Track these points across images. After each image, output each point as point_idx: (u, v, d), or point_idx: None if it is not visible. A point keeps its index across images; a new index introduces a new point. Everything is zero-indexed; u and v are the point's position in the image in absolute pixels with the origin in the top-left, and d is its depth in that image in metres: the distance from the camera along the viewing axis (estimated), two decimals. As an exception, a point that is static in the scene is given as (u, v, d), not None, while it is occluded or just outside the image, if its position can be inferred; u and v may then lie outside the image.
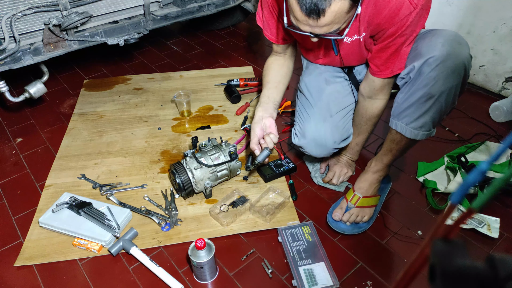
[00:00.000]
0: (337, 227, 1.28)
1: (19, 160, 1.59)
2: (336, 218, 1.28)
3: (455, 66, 1.04)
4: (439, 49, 1.05)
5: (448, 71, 1.04)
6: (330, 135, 1.29)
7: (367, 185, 1.31)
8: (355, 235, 1.27)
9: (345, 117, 1.34)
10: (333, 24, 0.97)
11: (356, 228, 1.28)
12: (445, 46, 1.04)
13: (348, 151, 1.46)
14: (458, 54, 1.04)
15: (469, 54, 1.07)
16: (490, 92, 1.94)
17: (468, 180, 0.33)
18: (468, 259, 0.33)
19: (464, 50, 1.06)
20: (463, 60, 1.05)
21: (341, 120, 1.32)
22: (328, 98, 1.33)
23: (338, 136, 1.30)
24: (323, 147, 1.31)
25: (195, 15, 2.00)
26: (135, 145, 1.63)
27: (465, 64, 1.05)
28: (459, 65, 1.04)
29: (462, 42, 1.07)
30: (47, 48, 1.59)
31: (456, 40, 1.07)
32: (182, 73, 2.14)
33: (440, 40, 1.07)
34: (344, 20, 0.97)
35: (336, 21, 0.96)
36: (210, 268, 1.10)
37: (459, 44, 1.06)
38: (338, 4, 0.91)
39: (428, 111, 1.10)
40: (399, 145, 1.22)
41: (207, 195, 1.36)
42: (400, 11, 1.02)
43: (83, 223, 1.25)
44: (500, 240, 1.24)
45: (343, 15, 0.95)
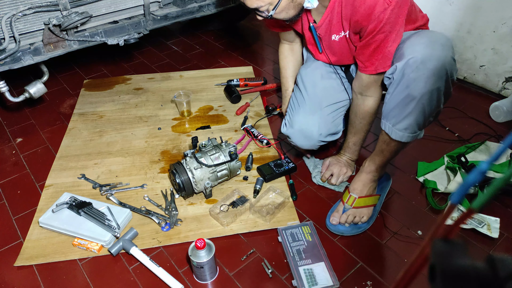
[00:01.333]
0: (336, 230, 1.28)
1: (19, 160, 1.59)
2: (334, 223, 1.28)
3: (435, 68, 1.04)
4: (420, 50, 1.06)
5: (428, 73, 1.04)
6: (317, 128, 1.32)
7: (361, 186, 1.31)
8: (355, 235, 1.27)
9: (335, 112, 1.36)
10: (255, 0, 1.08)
11: (355, 228, 1.28)
12: (426, 48, 1.06)
13: (346, 150, 1.46)
14: (439, 56, 1.05)
15: (452, 57, 1.08)
16: (490, 92, 1.94)
17: (468, 180, 0.33)
18: (468, 259, 0.33)
19: (446, 52, 1.06)
20: (444, 62, 1.05)
21: (331, 114, 1.34)
22: (321, 92, 1.35)
23: (325, 130, 1.33)
24: (309, 139, 1.34)
25: (195, 15, 2.00)
26: (135, 145, 1.63)
27: (445, 67, 1.06)
28: (439, 67, 1.05)
29: (446, 44, 1.08)
30: (47, 48, 1.59)
31: (439, 42, 1.08)
32: (182, 73, 2.14)
33: (423, 40, 1.08)
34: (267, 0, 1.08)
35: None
36: (210, 268, 1.10)
37: (441, 46, 1.07)
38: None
39: (411, 113, 1.11)
40: (389, 146, 1.22)
41: (207, 195, 1.36)
42: (375, 8, 1.04)
43: (83, 223, 1.25)
44: (500, 240, 1.24)
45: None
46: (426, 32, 1.13)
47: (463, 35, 1.94)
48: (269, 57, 2.30)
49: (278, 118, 1.80)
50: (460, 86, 1.99)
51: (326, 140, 1.37)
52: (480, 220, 1.27)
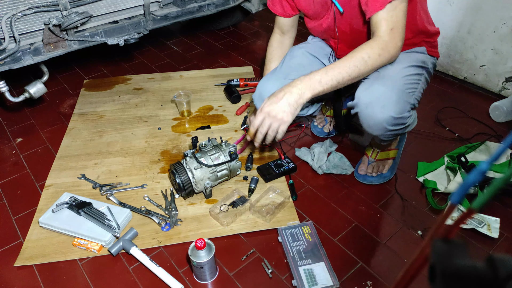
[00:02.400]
0: (365, 180, 1.45)
1: (19, 160, 1.59)
2: (361, 173, 1.46)
3: (375, 125, 1.17)
4: (365, 102, 1.15)
5: (369, 123, 1.18)
6: (271, 91, 1.19)
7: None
8: (354, 236, 1.27)
9: None
10: None
11: (381, 178, 1.45)
12: (368, 108, 1.15)
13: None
14: (377, 118, 1.15)
15: (391, 116, 1.13)
16: (490, 92, 1.94)
17: (468, 180, 0.33)
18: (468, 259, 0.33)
19: (385, 114, 1.13)
20: (382, 121, 1.15)
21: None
22: (295, 65, 1.42)
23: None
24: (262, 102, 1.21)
25: (195, 15, 2.00)
26: (135, 145, 1.63)
27: (384, 125, 1.16)
28: (378, 124, 1.16)
29: (389, 102, 1.13)
30: (47, 48, 1.59)
31: (381, 102, 1.13)
32: (182, 73, 2.14)
33: (374, 95, 1.14)
34: None
35: None
36: (210, 268, 1.10)
37: (381, 108, 1.13)
38: None
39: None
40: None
41: (207, 195, 1.36)
42: None
43: (83, 223, 1.25)
44: (500, 240, 1.24)
45: None
46: (386, 79, 1.16)
47: (463, 35, 1.94)
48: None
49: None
50: (460, 86, 1.99)
51: None
52: (480, 220, 1.27)
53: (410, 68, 1.23)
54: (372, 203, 1.38)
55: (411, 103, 1.19)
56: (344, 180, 1.47)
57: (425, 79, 1.29)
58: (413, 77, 1.23)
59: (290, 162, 1.50)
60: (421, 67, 1.27)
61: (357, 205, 1.37)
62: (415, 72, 1.24)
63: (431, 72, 1.34)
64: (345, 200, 1.39)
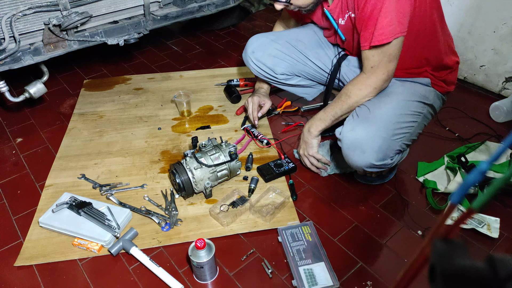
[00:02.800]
0: (365, 180, 1.44)
1: (19, 160, 1.59)
2: (360, 172, 1.43)
3: (353, 164, 1.22)
4: (345, 140, 1.19)
5: (350, 162, 1.23)
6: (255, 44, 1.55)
7: None
8: (354, 236, 1.27)
9: (292, 57, 1.53)
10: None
11: (381, 178, 1.43)
12: (350, 150, 1.18)
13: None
14: (355, 160, 1.19)
15: (370, 162, 1.17)
16: (490, 92, 1.94)
17: (468, 180, 0.33)
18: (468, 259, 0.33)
19: (363, 159, 1.17)
20: (360, 165, 1.19)
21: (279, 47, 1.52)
22: (291, 36, 1.53)
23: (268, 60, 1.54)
24: (244, 54, 1.60)
25: (195, 15, 2.00)
26: (135, 145, 1.63)
27: (363, 168, 1.20)
28: (356, 166, 1.20)
29: (370, 149, 1.15)
30: (47, 48, 1.59)
31: (361, 147, 1.16)
32: (182, 73, 2.14)
33: (357, 136, 1.16)
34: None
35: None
36: (210, 268, 1.10)
37: (361, 152, 1.16)
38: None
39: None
40: None
41: (207, 195, 1.36)
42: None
43: (83, 223, 1.25)
44: (500, 240, 1.24)
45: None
46: (372, 123, 1.17)
47: (463, 36, 1.94)
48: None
49: (278, 118, 1.80)
50: (460, 86, 1.99)
51: (258, 65, 1.55)
52: (480, 220, 1.27)
53: (410, 106, 1.21)
54: (372, 203, 1.38)
55: (396, 150, 1.19)
56: (344, 180, 1.47)
57: (425, 117, 1.27)
58: (410, 118, 1.21)
59: (290, 162, 1.50)
60: (423, 103, 1.25)
61: (357, 205, 1.37)
62: (414, 111, 1.22)
63: (435, 107, 1.31)
64: (345, 200, 1.39)
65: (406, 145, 1.24)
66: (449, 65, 1.29)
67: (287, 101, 1.84)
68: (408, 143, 1.25)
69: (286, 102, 1.83)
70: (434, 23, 1.19)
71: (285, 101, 1.83)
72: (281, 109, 1.81)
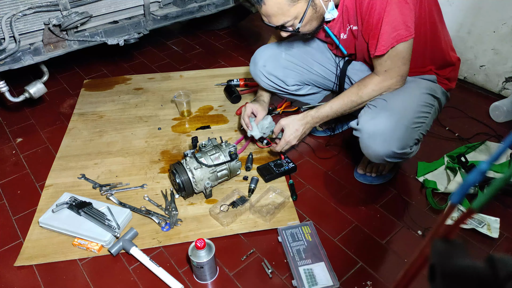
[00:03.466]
0: (365, 180, 1.45)
1: (19, 160, 1.59)
2: (360, 172, 1.46)
3: (376, 156, 1.19)
4: (366, 128, 1.16)
5: (369, 152, 1.20)
6: (262, 61, 1.49)
7: None
8: (354, 236, 1.27)
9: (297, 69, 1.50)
10: (280, 16, 1.13)
11: (381, 178, 1.44)
12: (369, 138, 1.16)
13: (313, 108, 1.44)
14: (376, 149, 1.17)
15: (392, 151, 1.15)
16: (490, 92, 1.94)
17: (468, 180, 0.33)
18: (468, 259, 0.33)
19: (386, 148, 1.15)
20: (383, 155, 1.17)
21: (293, 66, 1.49)
22: (299, 49, 1.49)
23: (272, 67, 1.49)
24: (254, 64, 1.53)
25: (195, 15, 2.00)
26: (135, 145, 1.63)
27: (384, 158, 1.18)
28: (376, 155, 1.19)
29: (392, 138, 1.14)
30: (47, 48, 1.59)
31: (383, 135, 1.14)
32: (182, 73, 2.14)
33: (379, 124, 1.14)
34: (291, 14, 1.12)
35: (280, 12, 1.11)
36: (210, 268, 1.10)
37: (384, 141, 1.14)
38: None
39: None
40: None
41: (207, 195, 1.36)
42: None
43: (83, 223, 1.25)
44: (500, 240, 1.24)
45: (285, 8, 1.10)
46: (393, 111, 1.15)
47: (463, 36, 1.94)
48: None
49: (278, 117, 1.80)
50: (460, 86, 1.99)
51: (269, 78, 1.50)
52: (480, 220, 1.27)
53: (423, 97, 1.22)
54: (372, 203, 1.38)
55: (415, 138, 1.19)
56: (344, 180, 1.47)
57: (435, 110, 1.28)
58: (425, 109, 1.21)
59: (290, 162, 1.50)
60: (433, 96, 1.25)
61: (357, 205, 1.37)
62: (427, 102, 1.22)
63: (441, 103, 1.31)
64: (345, 200, 1.39)
65: (422, 136, 1.23)
66: (452, 62, 1.30)
67: (287, 101, 1.84)
68: (423, 133, 1.23)
69: (286, 102, 1.83)
70: (435, 23, 1.20)
71: (285, 101, 1.83)
72: (281, 109, 1.81)
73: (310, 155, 1.59)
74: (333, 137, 1.67)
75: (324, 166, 1.54)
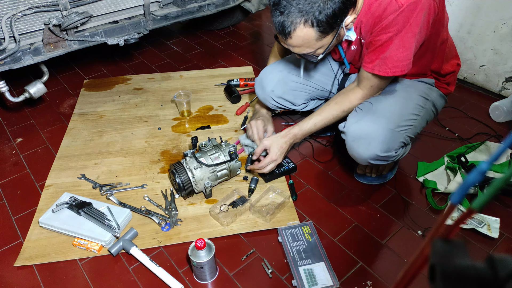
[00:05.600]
0: (365, 180, 1.44)
1: (19, 160, 1.59)
2: (360, 172, 1.45)
3: (357, 156, 1.20)
4: (351, 132, 1.18)
5: (354, 155, 1.21)
6: (272, 79, 1.49)
7: None
8: (354, 236, 1.27)
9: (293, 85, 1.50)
10: (304, 47, 1.08)
11: (381, 178, 1.44)
12: (354, 141, 1.18)
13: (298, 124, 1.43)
14: (359, 152, 1.18)
15: (376, 154, 1.15)
16: (490, 92, 1.94)
17: (468, 180, 0.33)
18: (468, 259, 0.33)
19: (368, 151, 1.15)
20: (366, 158, 1.17)
21: (294, 84, 1.49)
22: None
23: (279, 89, 1.49)
24: (263, 88, 1.51)
25: (195, 15, 2.00)
26: (135, 145, 1.63)
27: (367, 160, 1.18)
28: (360, 158, 1.20)
29: (375, 141, 1.14)
30: (47, 48, 1.59)
31: (368, 137, 1.15)
32: (182, 73, 2.14)
33: (363, 127, 1.16)
34: (316, 46, 1.08)
35: (306, 45, 1.07)
36: (210, 268, 1.10)
37: (368, 144, 1.15)
38: (304, 31, 1.01)
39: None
40: None
41: (207, 195, 1.36)
42: (386, 8, 1.05)
43: (83, 223, 1.25)
44: (500, 240, 1.24)
45: (312, 42, 1.05)
46: (378, 115, 1.16)
47: (463, 36, 1.94)
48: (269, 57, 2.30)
49: (278, 117, 1.80)
50: (460, 86, 1.99)
51: (278, 101, 1.50)
52: (480, 220, 1.27)
53: (412, 100, 1.22)
54: (372, 203, 1.38)
55: (400, 141, 1.18)
56: (344, 180, 1.47)
57: (427, 112, 1.27)
58: (414, 111, 1.21)
59: (290, 162, 1.50)
60: (424, 98, 1.25)
61: (357, 205, 1.37)
62: (417, 104, 1.22)
63: (436, 105, 1.31)
64: (345, 200, 1.39)
65: (409, 138, 1.23)
66: (451, 70, 1.30)
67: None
68: (411, 136, 1.23)
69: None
70: (437, 42, 1.20)
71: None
72: (281, 109, 1.80)
73: (310, 155, 1.59)
74: (332, 136, 1.67)
75: (324, 166, 1.54)
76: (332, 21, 1.00)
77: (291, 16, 0.99)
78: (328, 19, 0.99)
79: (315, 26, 1.00)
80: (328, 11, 0.98)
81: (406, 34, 1.05)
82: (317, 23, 1.00)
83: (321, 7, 0.97)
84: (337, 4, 0.99)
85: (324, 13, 0.98)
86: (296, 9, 0.98)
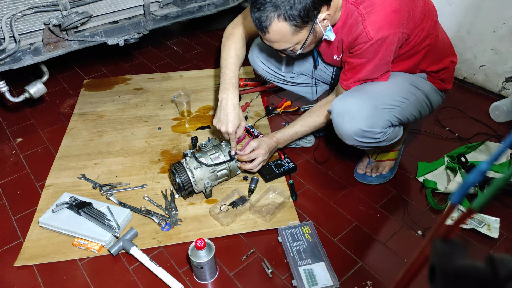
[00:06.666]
0: (365, 180, 1.45)
1: (19, 160, 1.59)
2: (360, 172, 1.47)
3: (343, 133, 1.20)
4: (335, 108, 1.19)
5: (339, 132, 1.22)
6: (258, 59, 1.62)
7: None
8: (354, 236, 1.27)
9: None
10: (282, 43, 1.14)
11: (381, 178, 1.45)
12: (338, 117, 1.18)
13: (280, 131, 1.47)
14: (345, 128, 1.18)
15: (360, 128, 1.15)
16: (490, 92, 1.94)
17: (468, 180, 0.33)
18: (468, 259, 0.33)
19: (354, 126, 1.16)
20: (351, 133, 1.17)
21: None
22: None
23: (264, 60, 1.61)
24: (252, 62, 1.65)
25: (195, 15, 2.00)
26: (135, 145, 1.63)
27: (353, 137, 1.18)
28: (346, 134, 1.19)
29: (359, 115, 1.15)
30: (47, 48, 1.59)
31: (351, 113, 1.16)
32: (182, 73, 2.14)
33: (346, 106, 1.18)
34: (293, 41, 1.13)
35: (283, 40, 1.12)
36: (210, 268, 1.11)
37: (351, 118, 1.16)
38: (279, 25, 1.07)
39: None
40: None
41: (207, 195, 1.36)
42: (359, 37, 1.12)
43: (83, 223, 1.25)
44: (500, 240, 1.24)
45: (288, 36, 1.11)
46: (362, 93, 1.19)
47: (463, 35, 1.94)
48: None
49: (278, 117, 1.80)
50: (460, 86, 1.99)
51: (266, 64, 1.59)
52: (480, 220, 1.27)
53: (400, 86, 1.23)
54: (372, 203, 1.38)
55: (387, 119, 1.18)
56: (344, 180, 1.47)
57: (418, 101, 1.26)
58: (400, 93, 1.22)
59: (290, 162, 1.50)
60: (415, 87, 1.26)
61: (357, 205, 1.37)
62: (404, 89, 1.23)
63: (430, 99, 1.30)
64: (345, 200, 1.39)
65: (398, 120, 1.21)
66: (442, 66, 1.30)
67: (287, 101, 1.84)
68: (399, 117, 1.21)
69: (286, 102, 1.83)
70: (427, 46, 1.22)
71: (285, 101, 1.83)
72: (281, 109, 1.81)
73: (310, 155, 1.59)
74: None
75: (324, 166, 1.54)
76: (304, 14, 1.06)
77: (266, 11, 1.06)
78: (299, 13, 1.06)
79: (288, 20, 1.07)
80: (298, 6, 1.04)
81: (379, 61, 1.15)
82: (289, 17, 1.06)
83: (292, 2, 1.04)
84: (308, 0, 1.05)
85: (295, 8, 1.05)
86: (270, 5, 1.05)
